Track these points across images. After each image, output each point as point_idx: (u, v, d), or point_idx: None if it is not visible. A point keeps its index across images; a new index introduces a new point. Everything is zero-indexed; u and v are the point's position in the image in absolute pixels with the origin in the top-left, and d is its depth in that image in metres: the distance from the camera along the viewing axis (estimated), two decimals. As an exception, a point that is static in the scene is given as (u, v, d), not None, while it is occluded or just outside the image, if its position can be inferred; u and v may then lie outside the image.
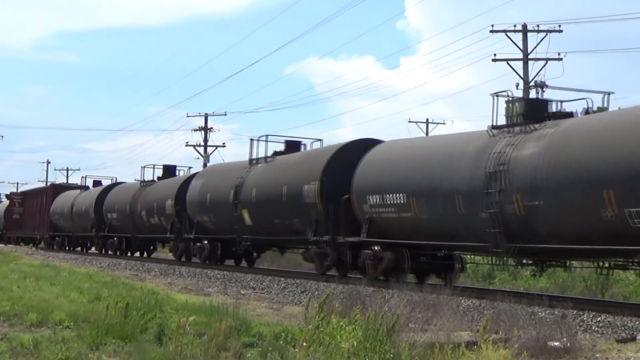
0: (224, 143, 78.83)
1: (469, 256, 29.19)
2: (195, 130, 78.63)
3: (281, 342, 12.26)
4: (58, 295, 19.41)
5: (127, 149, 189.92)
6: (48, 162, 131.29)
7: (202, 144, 78.03)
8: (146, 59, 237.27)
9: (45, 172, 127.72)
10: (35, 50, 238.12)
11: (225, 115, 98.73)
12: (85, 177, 74.01)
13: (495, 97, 24.50)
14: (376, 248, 27.38)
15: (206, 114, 79.11)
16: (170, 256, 50.08)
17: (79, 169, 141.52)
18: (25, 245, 77.32)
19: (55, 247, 69.57)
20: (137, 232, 52.06)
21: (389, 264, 26.85)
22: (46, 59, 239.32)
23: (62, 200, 67.84)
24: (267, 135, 37.92)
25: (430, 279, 28.65)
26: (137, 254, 55.51)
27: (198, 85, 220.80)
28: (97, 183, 70.04)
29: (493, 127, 24.15)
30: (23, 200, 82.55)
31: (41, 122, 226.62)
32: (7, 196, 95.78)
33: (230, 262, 40.60)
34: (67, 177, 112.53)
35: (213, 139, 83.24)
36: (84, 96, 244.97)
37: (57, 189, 73.41)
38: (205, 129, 78.66)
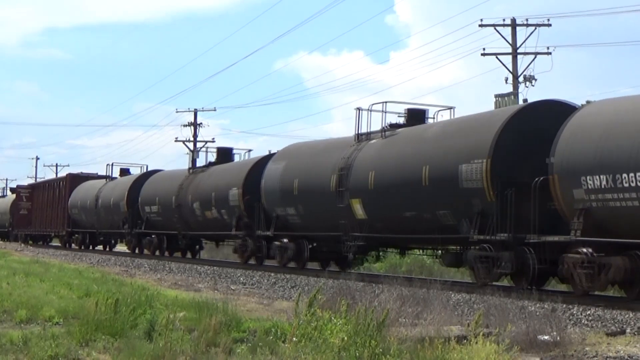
0: (213, 138, 78.48)
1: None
2: (185, 125, 78.53)
3: (271, 338, 12.25)
4: (47, 291, 19.38)
5: (117, 145, 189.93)
6: (37, 158, 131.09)
7: (192, 139, 77.95)
8: (135, 55, 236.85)
9: (34, 169, 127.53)
10: (24, 47, 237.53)
11: (215, 110, 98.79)
12: (112, 165, 61.71)
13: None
14: (589, 250, 19.72)
15: (195, 109, 79.05)
16: (230, 258, 43.07)
17: (67, 165, 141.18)
18: (35, 244, 71.26)
19: (73, 245, 63.04)
20: (186, 228, 43.25)
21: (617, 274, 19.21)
22: (35, 55, 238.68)
23: (83, 192, 59.47)
24: (384, 103, 29.96)
25: None
26: (179, 254, 46.65)
27: (187, 80, 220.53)
28: (124, 172, 60.37)
29: None
30: (31, 194, 75.70)
31: (30, 118, 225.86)
32: (13, 190, 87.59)
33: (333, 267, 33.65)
34: (57, 173, 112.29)
35: (202, 134, 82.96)
36: (73, 92, 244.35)
37: (75, 180, 63.96)
38: (195, 125, 78.55)
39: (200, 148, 74.61)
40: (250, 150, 44.17)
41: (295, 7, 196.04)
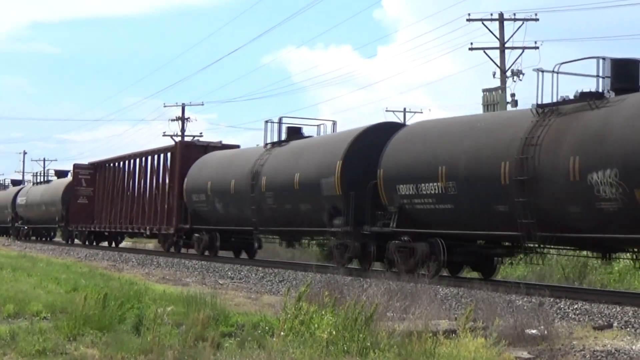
0: (201, 133, 78.55)
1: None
2: (173, 120, 78.49)
3: (259, 332, 12.25)
4: (35, 286, 19.33)
5: (105, 139, 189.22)
6: (25, 153, 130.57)
7: (180, 133, 77.87)
8: (123, 49, 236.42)
9: (22, 163, 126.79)
10: (12, 41, 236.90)
11: (203, 105, 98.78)
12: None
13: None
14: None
15: (183, 103, 78.97)
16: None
17: (55, 160, 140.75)
18: (108, 247, 53.12)
19: (206, 252, 38.46)
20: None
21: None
22: (23, 49, 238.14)
23: (214, 168, 37.83)
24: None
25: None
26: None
27: (175, 75, 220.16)
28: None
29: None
30: (93, 177, 55.18)
31: (18, 112, 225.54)
32: (59, 173, 69.24)
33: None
34: (44, 167, 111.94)
35: (190, 128, 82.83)
36: (61, 86, 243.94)
37: (190, 150, 41.83)
38: (183, 119, 78.53)
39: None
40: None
41: (283, 1, 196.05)
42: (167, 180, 43.08)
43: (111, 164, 53.59)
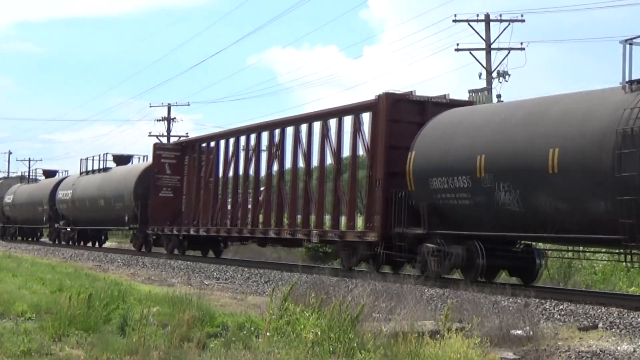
0: (187, 133, 78.40)
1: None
2: (158, 120, 78.53)
3: (245, 332, 12.25)
4: (20, 286, 19.27)
5: (90, 140, 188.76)
6: (10, 153, 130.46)
7: (165, 134, 77.83)
8: (109, 49, 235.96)
9: (7, 163, 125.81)
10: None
11: (189, 105, 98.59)
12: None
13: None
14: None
15: (169, 104, 78.99)
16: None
17: (41, 160, 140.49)
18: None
19: (437, 271, 24.05)
20: None
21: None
22: (7, 49, 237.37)
23: (492, 131, 22.49)
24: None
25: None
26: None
27: (161, 75, 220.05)
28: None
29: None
30: (181, 160, 40.74)
31: (3, 112, 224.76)
32: (116, 158, 52.57)
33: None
34: (29, 168, 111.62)
35: (176, 129, 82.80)
36: (46, 87, 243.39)
37: (399, 109, 26.48)
38: (169, 119, 78.55)
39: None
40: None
41: (269, 1, 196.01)
42: (358, 155, 28.05)
43: (214, 142, 38.73)
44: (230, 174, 36.64)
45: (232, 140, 36.87)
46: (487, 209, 21.89)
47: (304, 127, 30.79)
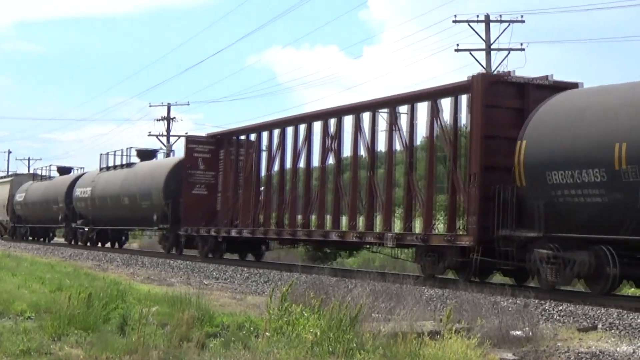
0: (186, 133, 78.46)
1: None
2: (158, 120, 78.54)
3: (244, 332, 12.24)
4: (19, 285, 19.26)
5: (90, 139, 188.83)
6: (9, 152, 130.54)
7: (165, 133, 77.83)
8: (108, 49, 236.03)
9: (6, 162, 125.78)
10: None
11: (188, 105, 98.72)
12: None
13: None
14: None
15: (169, 103, 78.96)
16: None
17: (40, 159, 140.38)
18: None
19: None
20: None
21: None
22: (7, 48, 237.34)
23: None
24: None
25: None
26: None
27: (161, 75, 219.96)
28: None
29: None
30: (215, 154, 37.60)
31: (3, 111, 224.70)
32: (144, 154, 48.83)
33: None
34: (29, 167, 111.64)
35: (176, 128, 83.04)
36: (46, 86, 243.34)
37: (496, 92, 23.14)
38: (168, 119, 78.51)
39: (174, 142, 74.67)
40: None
41: (269, 1, 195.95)
42: (435, 145, 25.09)
43: (255, 134, 35.58)
44: (276, 168, 33.29)
45: (276, 132, 33.31)
46: (628, 208, 18.55)
47: (365, 116, 27.69)
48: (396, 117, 26.30)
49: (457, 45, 50.48)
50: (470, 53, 50.40)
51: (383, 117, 26.88)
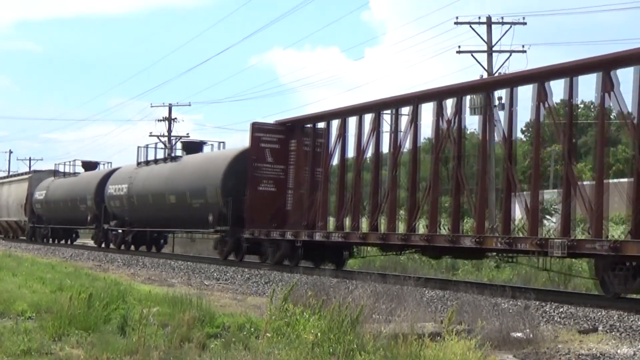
0: (187, 133, 78.60)
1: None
2: (159, 120, 78.61)
3: (245, 333, 12.24)
4: (20, 285, 19.26)
5: (91, 139, 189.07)
6: (10, 152, 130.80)
7: (166, 134, 77.84)
8: (109, 49, 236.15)
9: (7, 162, 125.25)
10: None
11: (190, 105, 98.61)
12: None
13: None
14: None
15: (170, 104, 79.02)
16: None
17: (41, 159, 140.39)
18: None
19: None
20: None
21: None
22: (8, 48, 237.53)
23: None
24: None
25: None
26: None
27: (162, 75, 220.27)
28: None
29: None
30: (285, 144, 32.90)
31: (3, 111, 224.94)
32: (189, 146, 43.45)
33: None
34: (30, 166, 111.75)
35: (177, 129, 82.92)
36: (47, 86, 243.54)
37: None
38: (169, 119, 78.58)
39: (175, 143, 74.76)
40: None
41: (271, 2, 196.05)
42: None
43: (338, 120, 30.04)
44: (369, 158, 28.53)
45: (368, 117, 27.96)
46: None
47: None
48: (514, 99, 22.41)
49: (459, 47, 50.47)
50: (472, 55, 50.38)
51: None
